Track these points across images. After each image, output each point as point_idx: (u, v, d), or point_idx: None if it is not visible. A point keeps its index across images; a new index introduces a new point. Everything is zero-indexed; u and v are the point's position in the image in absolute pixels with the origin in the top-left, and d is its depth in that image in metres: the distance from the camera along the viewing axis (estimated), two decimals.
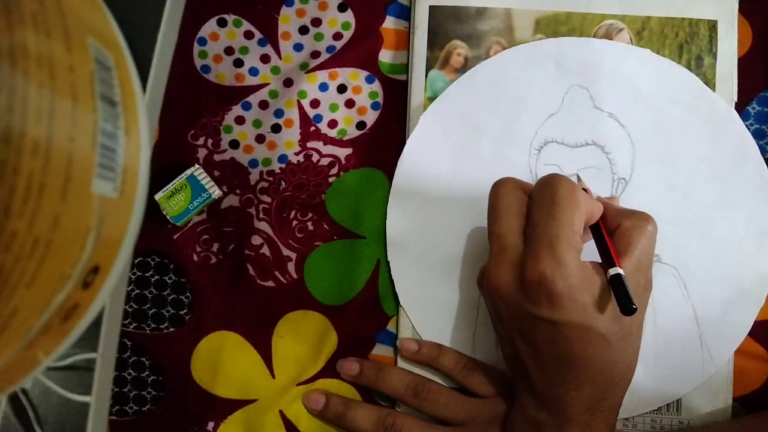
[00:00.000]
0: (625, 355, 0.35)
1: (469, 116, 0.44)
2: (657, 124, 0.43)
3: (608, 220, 0.37)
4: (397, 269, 0.43)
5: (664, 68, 0.44)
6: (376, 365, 0.42)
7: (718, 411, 0.43)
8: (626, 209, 0.37)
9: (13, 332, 0.19)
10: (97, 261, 0.21)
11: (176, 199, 0.41)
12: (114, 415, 0.43)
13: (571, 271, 0.33)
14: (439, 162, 0.43)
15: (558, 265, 0.33)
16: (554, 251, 0.33)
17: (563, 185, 0.35)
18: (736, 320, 0.42)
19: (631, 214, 0.36)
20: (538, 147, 0.43)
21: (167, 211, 0.42)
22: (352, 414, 0.41)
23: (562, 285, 0.33)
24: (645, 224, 0.35)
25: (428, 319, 0.43)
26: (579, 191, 0.35)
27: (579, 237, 0.34)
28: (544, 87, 0.44)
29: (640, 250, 0.35)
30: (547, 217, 0.34)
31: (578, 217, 0.34)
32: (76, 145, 0.18)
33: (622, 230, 0.36)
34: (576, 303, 0.33)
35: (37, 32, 0.18)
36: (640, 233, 0.35)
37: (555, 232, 0.34)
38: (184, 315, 0.44)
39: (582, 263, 0.34)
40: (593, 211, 0.36)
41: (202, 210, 0.43)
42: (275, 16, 0.45)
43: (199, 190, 0.42)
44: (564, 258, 0.33)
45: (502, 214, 0.36)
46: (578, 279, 0.33)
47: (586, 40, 0.44)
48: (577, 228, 0.34)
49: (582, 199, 0.35)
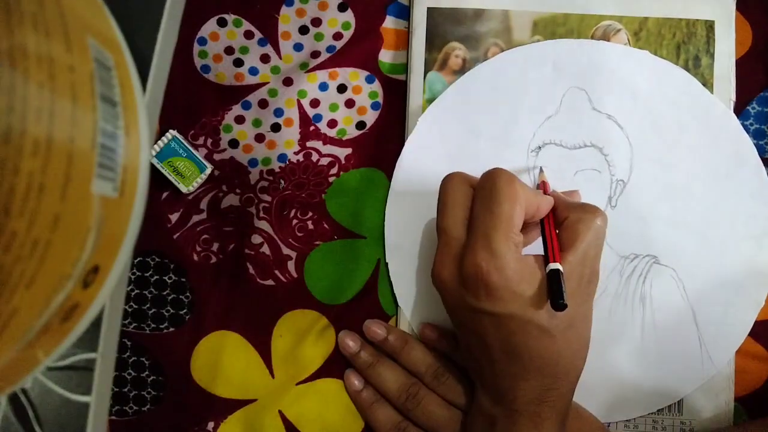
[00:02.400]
0: (570, 346, 0.35)
1: (467, 118, 0.44)
2: (655, 125, 0.43)
3: (557, 213, 0.37)
4: (395, 269, 0.43)
5: (663, 70, 0.44)
6: (403, 336, 0.42)
7: (719, 411, 0.43)
8: (575, 203, 0.37)
9: (13, 332, 0.19)
10: (97, 261, 0.21)
11: (183, 170, 0.42)
12: (114, 415, 0.43)
13: (507, 263, 0.33)
14: (438, 163, 0.43)
15: (493, 258, 0.33)
16: (490, 244, 0.33)
17: (502, 178, 0.35)
18: (736, 321, 0.42)
19: (579, 207, 0.36)
20: (536, 148, 0.43)
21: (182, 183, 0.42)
22: (381, 369, 0.42)
23: (497, 277, 0.33)
24: (592, 217, 0.35)
25: (425, 318, 0.43)
26: (517, 184, 0.34)
27: (518, 230, 0.34)
28: (543, 89, 0.44)
29: (585, 243, 0.35)
30: (485, 210, 0.34)
31: (517, 210, 0.34)
32: (76, 145, 0.19)
33: (568, 223, 0.36)
34: (514, 295, 0.34)
35: (37, 32, 0.18)
36: (585, 226, 0.35)
37: (492, 224, 0.34)
38: (184, 315, 0.44)
39: (521, 256, 0.34)
40: (539, 205, 0.36)
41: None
42: (275, 16, 0.45)
43: (189, 153, 0.42)
44: (499, 251, 0.33)
45: (448, 208, 0.37)
46: (515, 271, 0.33)
47: (584, 42, 0.44)
48: (516, 221, 0.34)
49: (521, 192, 0.34)
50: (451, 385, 0.41)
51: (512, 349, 0.35)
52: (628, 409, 0.43)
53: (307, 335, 0.44)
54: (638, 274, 0.43)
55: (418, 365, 0.42)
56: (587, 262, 0.35)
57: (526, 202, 0.35)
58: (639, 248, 0.43)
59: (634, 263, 0.43)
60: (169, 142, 0.41)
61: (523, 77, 0.44)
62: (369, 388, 0.43)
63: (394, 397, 0.41)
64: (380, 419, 0.42)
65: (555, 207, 0.37)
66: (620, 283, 0.43)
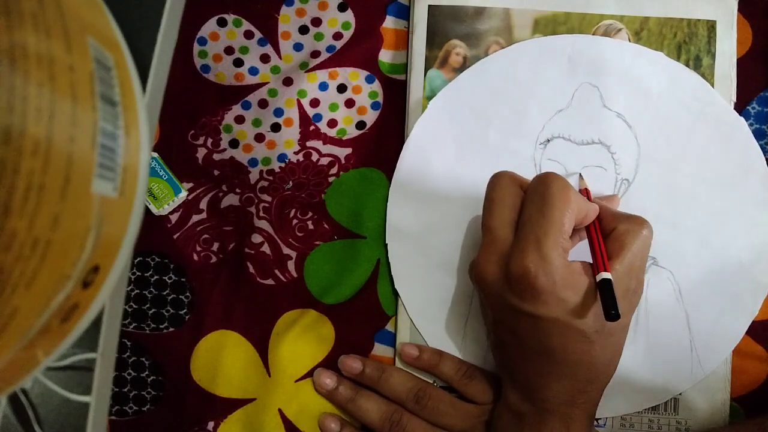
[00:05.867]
0: (605, 353, 0.36)
1: (478, 105, 0.44)
2: (664, 127, 0.43)
3: (604, 223, 0.37)
4: (395, 254, 0.43)
5: (676, 72, 0.44)
6: (379, 366, 0.42)
7: (715, 411, 0.43)
8: (623, 213, 0.37)
9: (13, 332, 0.19)
10: (97, 261, 0.21)
11: (157, 192, 0.42)
12: (114, 415, 0.43)
13: (555, 269, 0.34)
14: (445, 149, 0.44)
15: (542, 262, 0.33)
16: (540, 248, 0.34)
17: (556, 184, 0.35)
18: (728, 328, 0.42)
19: (627, 219, 0.37)
20: (544, 141, 0.43)
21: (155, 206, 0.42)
22: (361, 402, 0.42)
23: (544, 281, 0.33)
24: (640, 229, 0.36)
25: (426, 317, 0.43)
26: (571, 191, 0.35)
27: (567, 236, 0.35)
28: (555, 82, 0.44)
29: (632, 254, 0.35)
30: (538, 214, 0.35)
31: (568, 216, 0.34)
32: (76, 145, 0.18)
33: (617, 234, 0.36)
34: (558, 300, 0.34)
35: (37, 32, 0.18)
36: (634, 237, 0.36)
37: (544, 229, 0.34)
38: (184, 315, 0.44)
39: (568, 262, 0.35)
40: (587, 212, 0.36)
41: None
42: (275, 15, 0.45)
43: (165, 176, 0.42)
44: (549, 255, 0.34)
45: (496, 206, 0.37)
46: (562, 277, 0.34)
47: (600, 39, 0.44)
48: (567, 227, 0.34)
49: (574, 199, 0.35)
50: (434, 406, 0.41)
51: (549, 351, 0.35)
52: (616, 406, 0.43)
53: (307, 335, 0.44)
54: None
55: (398, 391, 0.42)
56: (633, 273, 0.36)
57: (576, 209, 0.35)
58: None
59: None
60: None
61: (537, 69, 0.44)
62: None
63: (377, 427, 0.41)
64: (369, 411, 0.41)
65: (601, 216, 0.38)
66: None
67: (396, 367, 0.43)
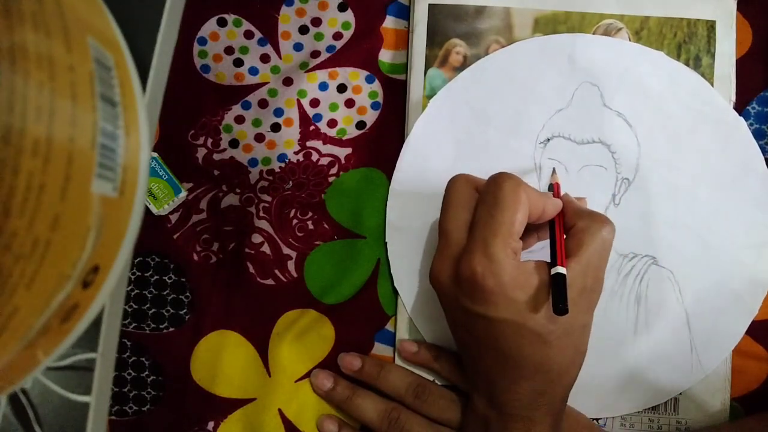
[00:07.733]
0: (564, 353, 0.35)
1: (478, 104, 0.44)
2: (665, 127, 0.43)
3: (566, 219, 0.37)
4: (394, 253, 0.43)
5: (676, 72, 0.44)
6: (378, 363, 0.43)
7: (715, 411, 0.43)
8: (586, 210, 0.37)
9: (13, 332, 0.19)
10: (97, 261, 0.21)
11: (157, 192, 0.42)
12: (114, 415, 0.43)
13: (503, 270, 0.33)
14: (445, 148, 0.44)
15: (490, 263, 0.33)
16: (488, 249, 0.33)
17: (507, 184, 0.34)
18: (728, 328, 0.42)
19: (587, 215, 0.36)
20: (544, 140, 0.43)
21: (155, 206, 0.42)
22: (359, 400, 0.41)
23: (492, 282, 0.33)
24: (600, 227, 0.35)
25: (426, 316, 0.43)
26: (523, 191, 0.34)
27: (518, 236, 0.35)
28: (556, 81, 0.44)
29: (590, 252, 0.35)
30: (487, 215, 0.34)
31: (519, 217, 0.34)
32: (76, 144, 0.18)
33: (575, 230, 0.36)
34: (508, 300, 0.34)
35: (37, 32, 0.18)
36: (592, 235, 0.35)
37: (492, 230, 0.34)
38: (184, 315, 0.44)
39: (519, 262, 0.34)
40: (545, 207, 0.36)
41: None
42: (275, 15, 0.45)
43: (164, 176, 0.42)
44: (497, 256, 0.33)
45: (451, 209, 0.37)
46: (511, 277, 0.33)
47: (600, 38, 0.44)
48: (517, 228, 0.34)
49: (525, 198, 0.34)
50: (434, 401, 0.41)
51: (505, 353, 0.35)
52: (616, 406, 0.43)
53: (307, 335, 0.44)
54: (636, 274, 0.43)
55: (397, 387, 0.42)
56: (590, 272, 0.35)
57: (531, 206, 0.35)
58: (639, 248, 0.43)
59: (633, 262, 0.43)
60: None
61: (538, 68, 0.44)
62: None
63: (376, 426, 0.41)
64: (367, 410, 0.41)
65: (564, 212, 0.37)
66: (617, 281, 0.43)
67: (394, 364, 0.43)
